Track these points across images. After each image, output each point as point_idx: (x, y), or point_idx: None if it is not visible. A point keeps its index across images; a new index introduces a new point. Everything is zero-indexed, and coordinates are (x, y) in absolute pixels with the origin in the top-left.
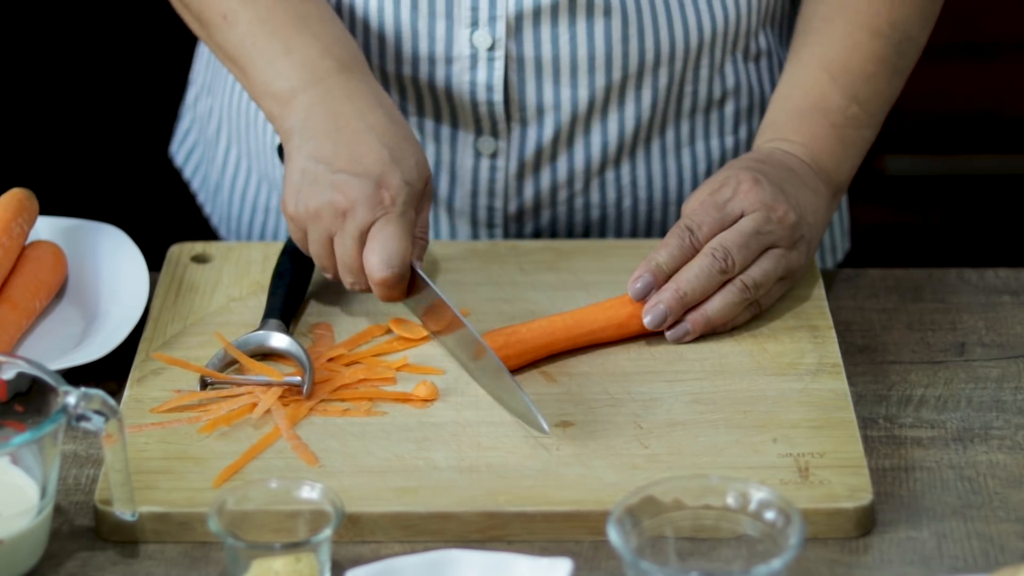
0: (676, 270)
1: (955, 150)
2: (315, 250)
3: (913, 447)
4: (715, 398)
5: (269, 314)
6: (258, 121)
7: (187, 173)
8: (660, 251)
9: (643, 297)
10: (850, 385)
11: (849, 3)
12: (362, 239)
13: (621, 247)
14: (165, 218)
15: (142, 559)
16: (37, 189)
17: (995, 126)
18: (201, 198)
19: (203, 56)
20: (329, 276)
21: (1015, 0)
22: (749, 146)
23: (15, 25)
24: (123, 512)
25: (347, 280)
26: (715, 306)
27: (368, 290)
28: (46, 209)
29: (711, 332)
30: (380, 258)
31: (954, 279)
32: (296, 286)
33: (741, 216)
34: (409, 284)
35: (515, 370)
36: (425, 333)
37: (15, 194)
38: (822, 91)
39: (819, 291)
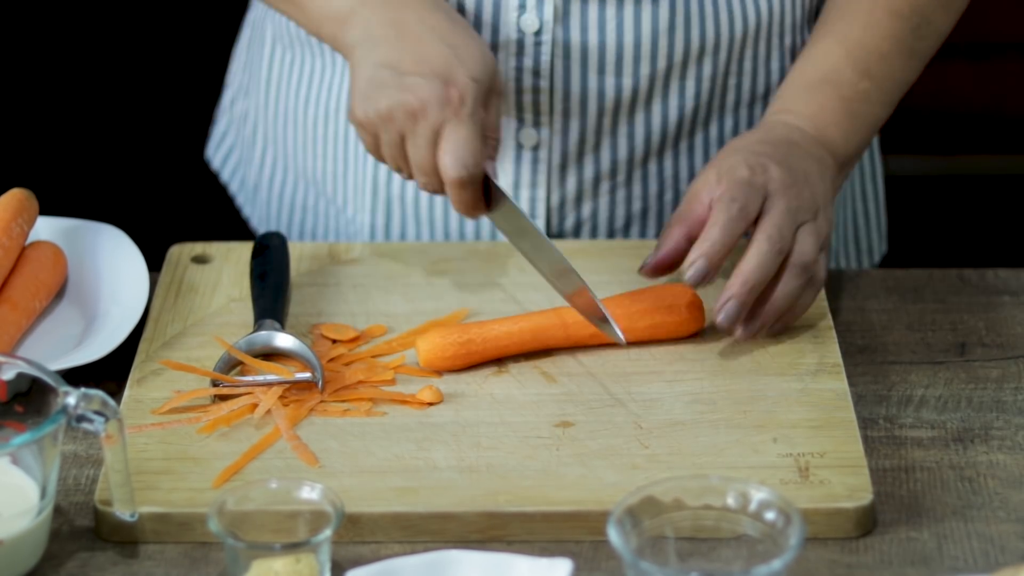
0: (730, 246)
1: (955, 150)
2: (388, 152)
3: (913, 447)
4: (715, 398)
5: (262, 315)
6: (292, 120)
7: (225, 175)
8: (710, 229)
9: (700, 283)
10: (850, 385)
11: None
12: (435, 140)
13: (621, 247)
14: (165, 218)
15: (142, 559)
16: (37, 189)
17: (996, 126)
18: (240, 200)
19: (240, 58)
20: (404, 176)
21: (1015, 0)
22: None
23: (15, 26)
24: (123, 512)
25: (421, 180)
26: (779, 294)
27: (441, 191)
28: (46, 209)
29: (785, 329)
30: (453, 157)
31: (954, 279)
32: (278, 286)
33: (767, 193)
34: (486, 193)
35: (466, 368)
36: (356, 333)
37: (15, 194)
38: (835, 64)
39: (819, 291)
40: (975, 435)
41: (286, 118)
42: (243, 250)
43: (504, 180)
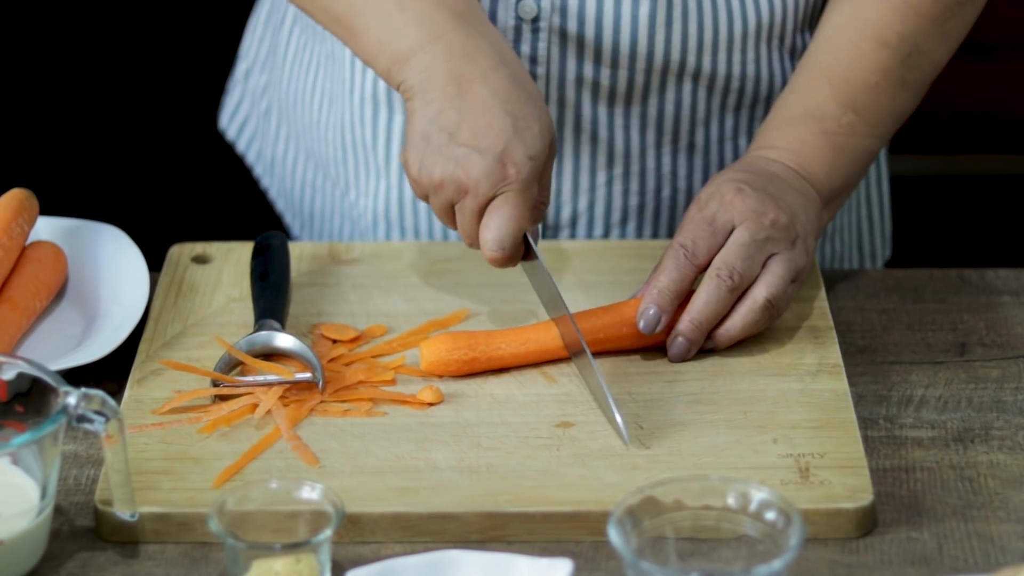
0: (679, 291)
1: (955, 150)
2: (437, 213)
3: (913, 447)
4: (715, 398)
5: (262, 315)
6: (301, 101)
7: (241, 146)
8: (659, 276)
9: (654, 330)
10: (850, 385)
11: (860, 14)
12: (481, 212)
13: (622, 247)
14: (165, 218)
15: (142, 559)
16: (37, 189)
17: (996, 126)
18: (259, 171)
19: (256, 31)
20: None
21: (1015, 0)
22: None
23: (15, 26)
24: (123, 512)
25: (465, 242)
26: (738, 325)
27: None
28: (46, 209)
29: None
30: (493, 237)
31: (954, 279)
32: (279, 286)
33: (732, 228)
34: (526, 249)
35: (467, 375)
36: (356, 333)
37: (15, 194)
38: (818, 98)
39: (819, 291)
40: (975, 435)
41: (296, 98)
42: (243, 250)
43: None
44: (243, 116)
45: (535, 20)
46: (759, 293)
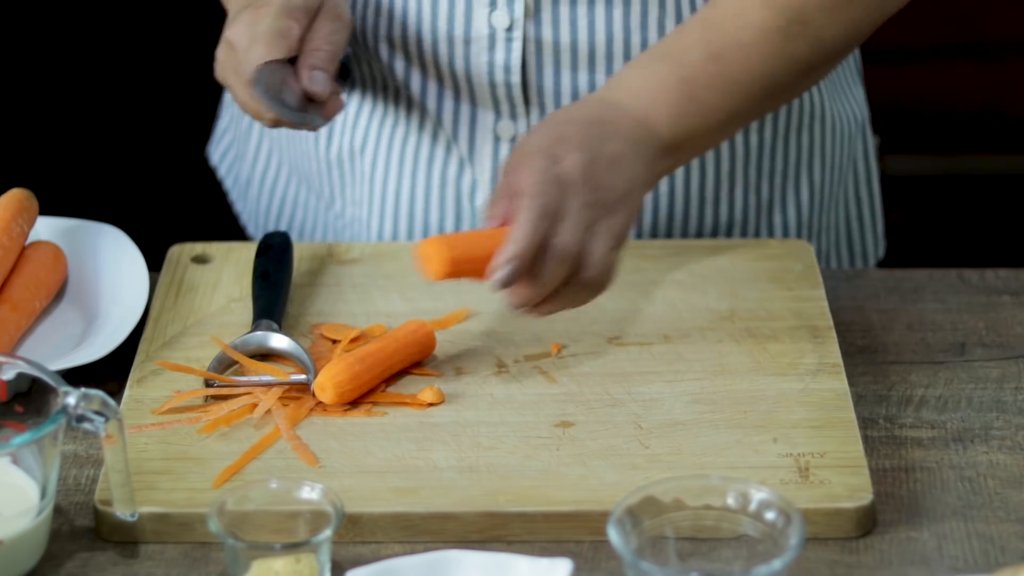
0: (538, 244)
1: (955, 150)
2: (242, 102)
3: (913, 447)
4: (715, 398)
5: (259, 315)
6: None
7: (221, 171)
8: (519, 229)
9: (508, 284)
10: (850, 385)
11: None
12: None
13: None
14: (165, 218)
15: (142, 559)
16: (37, 189)
17: (996, 126)
18: (233, 195)
19: None
20: (272, 123)
21: (1015, 0)
22: (775, 145)
23: (15, 26)
24: (123, 512)
25: (268, 115)
26: (560, 304)
27: (292, 123)
28: (46, 209)
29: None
30: (254, 53)
31: (954, 279)
32: (279, 286)
33: (564, 183)
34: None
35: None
36: (356, 333)
37: (15, 194)
38: (687, 43)
39: (819, 291)
40: (975, 435)
41: None
42: (243, 250)
43: (483, 174)
44: (227, 141)
45: (508, 29)
46: (584, 275)
